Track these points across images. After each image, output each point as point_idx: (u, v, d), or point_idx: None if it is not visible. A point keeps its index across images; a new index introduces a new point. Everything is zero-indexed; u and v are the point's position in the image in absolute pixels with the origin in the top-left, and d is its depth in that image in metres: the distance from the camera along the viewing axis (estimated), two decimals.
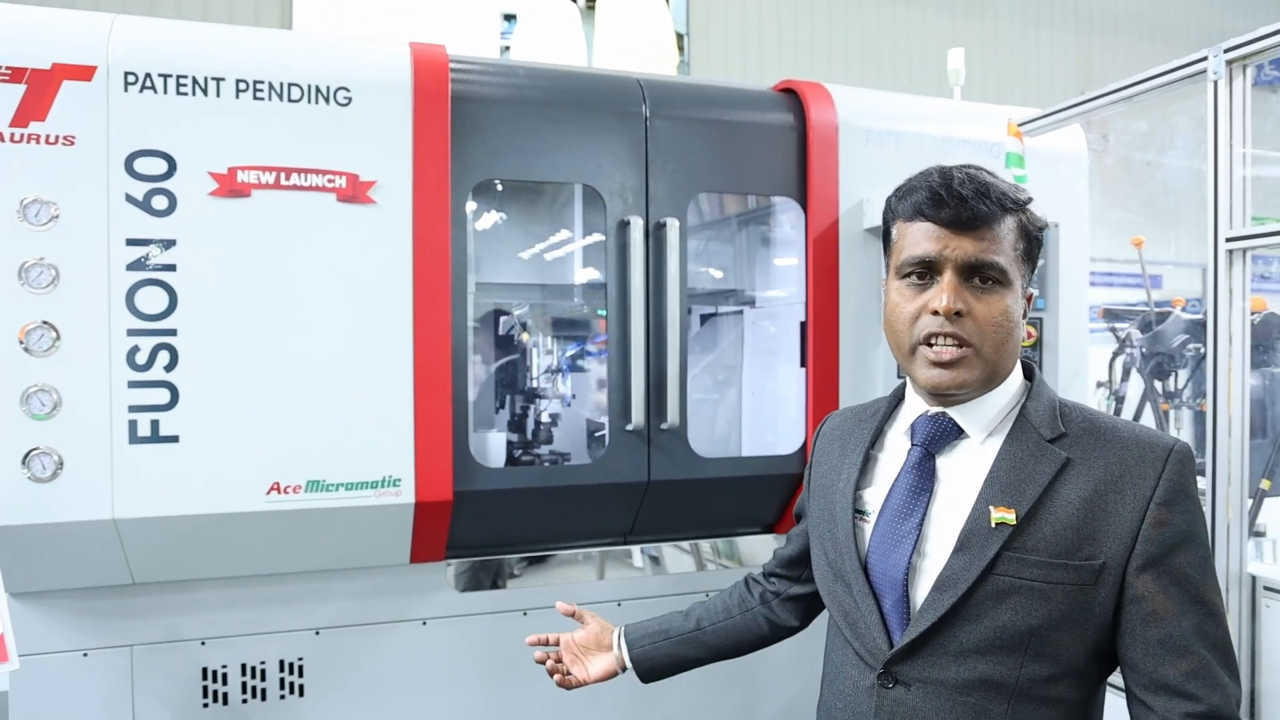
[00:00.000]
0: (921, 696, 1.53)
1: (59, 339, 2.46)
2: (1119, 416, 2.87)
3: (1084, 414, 1.58)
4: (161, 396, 2.54)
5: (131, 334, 2.52)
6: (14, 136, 2.44)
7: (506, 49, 6.02)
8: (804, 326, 3.27)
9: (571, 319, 3.90)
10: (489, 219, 3.72)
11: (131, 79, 2.52)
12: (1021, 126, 3.42)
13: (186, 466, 2.56)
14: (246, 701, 2.84)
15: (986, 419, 1.58)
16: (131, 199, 2.51)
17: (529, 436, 3.56)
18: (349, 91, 2.68)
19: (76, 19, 2.56)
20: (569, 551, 3.19)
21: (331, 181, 2.65)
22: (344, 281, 2.67)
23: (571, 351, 3.85)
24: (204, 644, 2.80)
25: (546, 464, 3.44)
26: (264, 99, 2.61)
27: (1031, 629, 1.47)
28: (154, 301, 2.53)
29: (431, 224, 2.74)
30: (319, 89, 2.65)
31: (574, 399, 3.80)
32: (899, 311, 1.58)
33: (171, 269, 2.54)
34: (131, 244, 2.52)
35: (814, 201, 3.21)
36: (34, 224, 2.44)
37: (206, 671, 2.81)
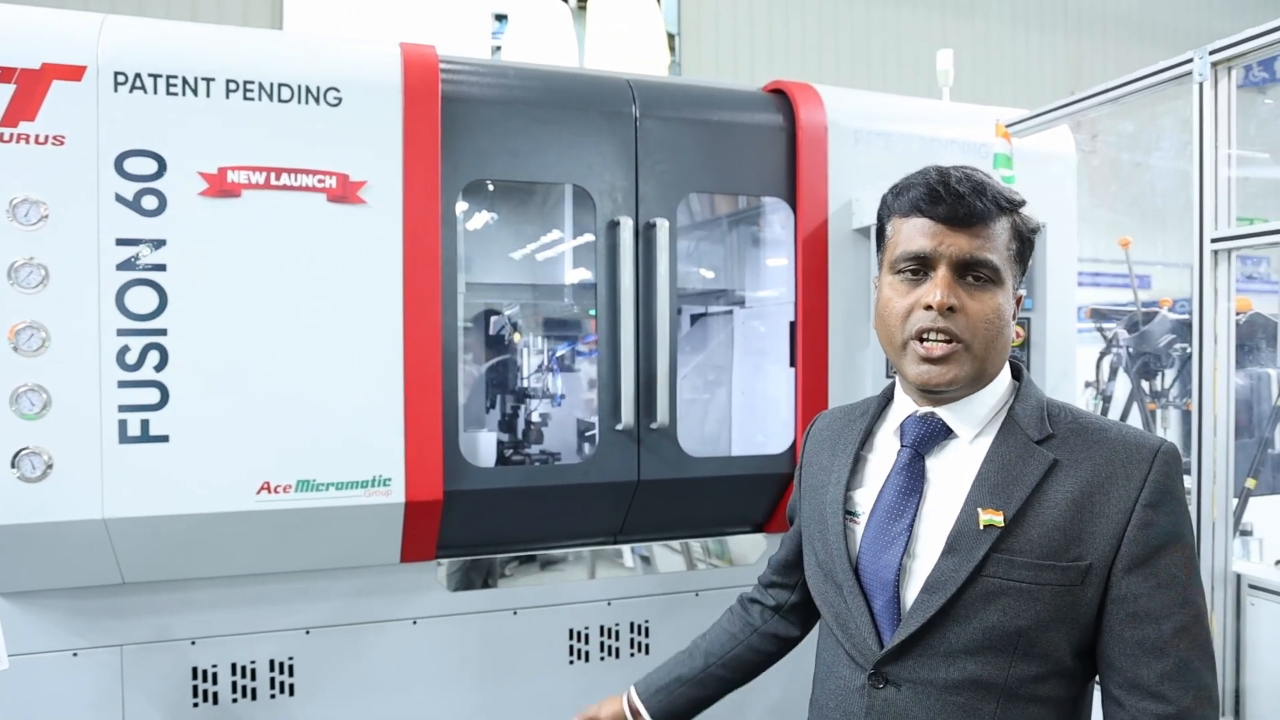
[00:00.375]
0: (912, 696, 1.53)
1: (48, 339, 2.46)
2: (1106, 416, 2.89)
3: (1071, 414, 1.59)
4: (151, 396, 2.54)
5: (121, 334, 2.52)
6: (3, 136, 2.43)
7: (498, 49, 6.02)
8: (793, 326, 3.28)
9: (562, 319, 3.91)
10: (480, 219, 3.72)
11: (121, 79, 2.52)
12: (1010, 127, 3.43)
13: (176, 466, 2.55)
14: (237, 701, 2.84)
15: (975, 419, 1.59)
16: (121, 199, 2.51)
17: (519, 436, 3.57)
18: (339, 92, 2.68)
19: (66, 19, 2.56)
20: (559, 550, 3.19)
21: (321, 182, 2.66)
22: (334, 281, 2.67)
23: (562, 351, 3.85)
24: (194, 643, 2.80)
25: (537, 463, 3.44)
26: (254, 99, 2.61)
27: (1020, 629, 1.48)
28: (144, 301, 2.53)
29: (421, 224, 2.74)
30: (309, 89, 2.65)
31: (564, 399, 3.80)
32: (891, 306, 1.58)
33: (161, 269, 2.54)
34: (121, 244, 2.51)
35: (803, 202, 3.22)
36: (23, 224, 2.44)
37: (197, 671, 2.81)
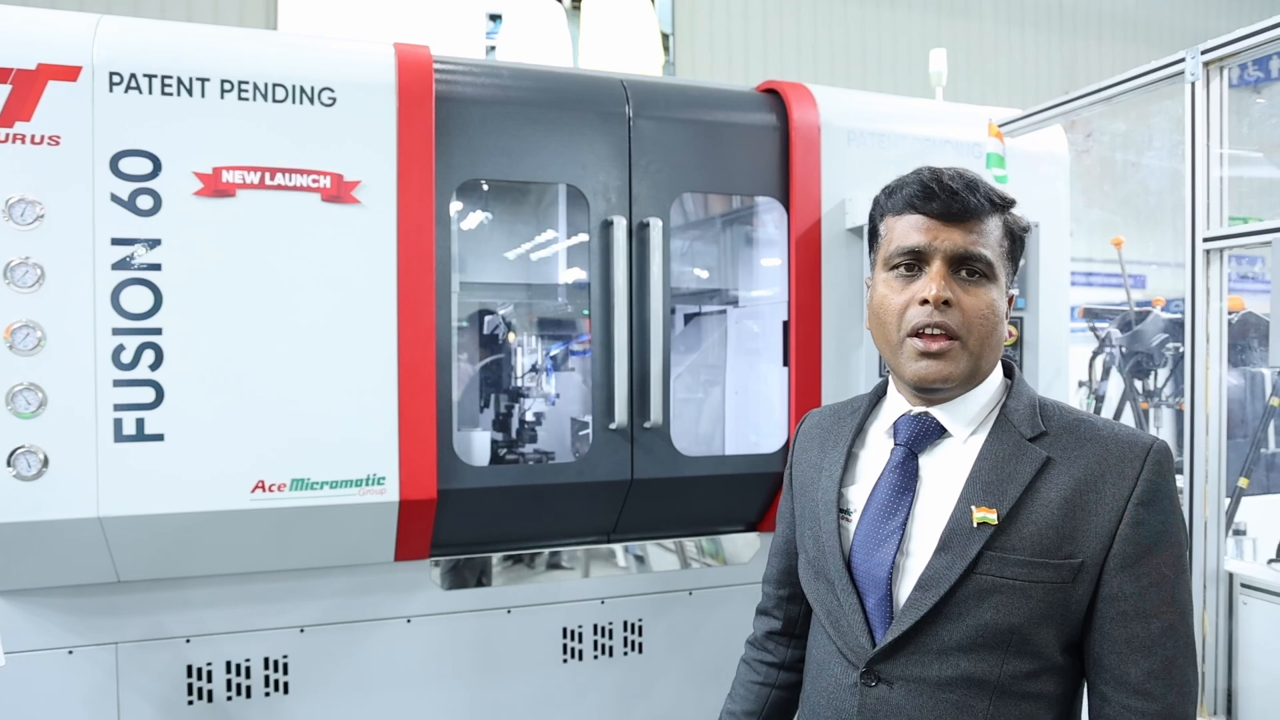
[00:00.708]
0: (904, 694, 1.53)
1: (44, 338, 2.47)
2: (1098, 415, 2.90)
3: (1063, 412, 1.59)
4: (146, 395, 2.54)
5: (117, 333, 2.52)
6: None
7: (492, 49, 6.02)
8: (786, 326, 3.28)
9: (556, 318, 3.91)
10: (474, 219, 3.73)
11: (116, 79, 2.53)
12: (1002, 127, 3.45)
13: (171, 465, 2.56)
14: (231, 699, 2.85)
15: (968, 417, 1.60)
16: (117, 199, 2.52)
17: (513, 435, 3.57)
18: (333, 92, 2.69)
19: (61, 19, 2.57)
20: (553, 549, 3.20)
21: (316, 181, 2.66)
22: (328, 281, 2.68)
23: (555, 351, 3.86)
24: (189, 642, 2.80)
25: (530, 462, 3.45)
26: (249, 99, 2.62)
27: (1013, 627, 1.48)
28: (139, 300, 2.54)
29: (416, 224, 2.75)
30: (303, 89, 2.66)
31: (558, 398, 3.81)
32: (887, 303, 1.58)
33: (156, 268, 2.55)
34: (117, 243, 2.52)
35: (796, 201, 3.23)
36: (19, 223, 2.45)
37: (191, 669, 2.81)
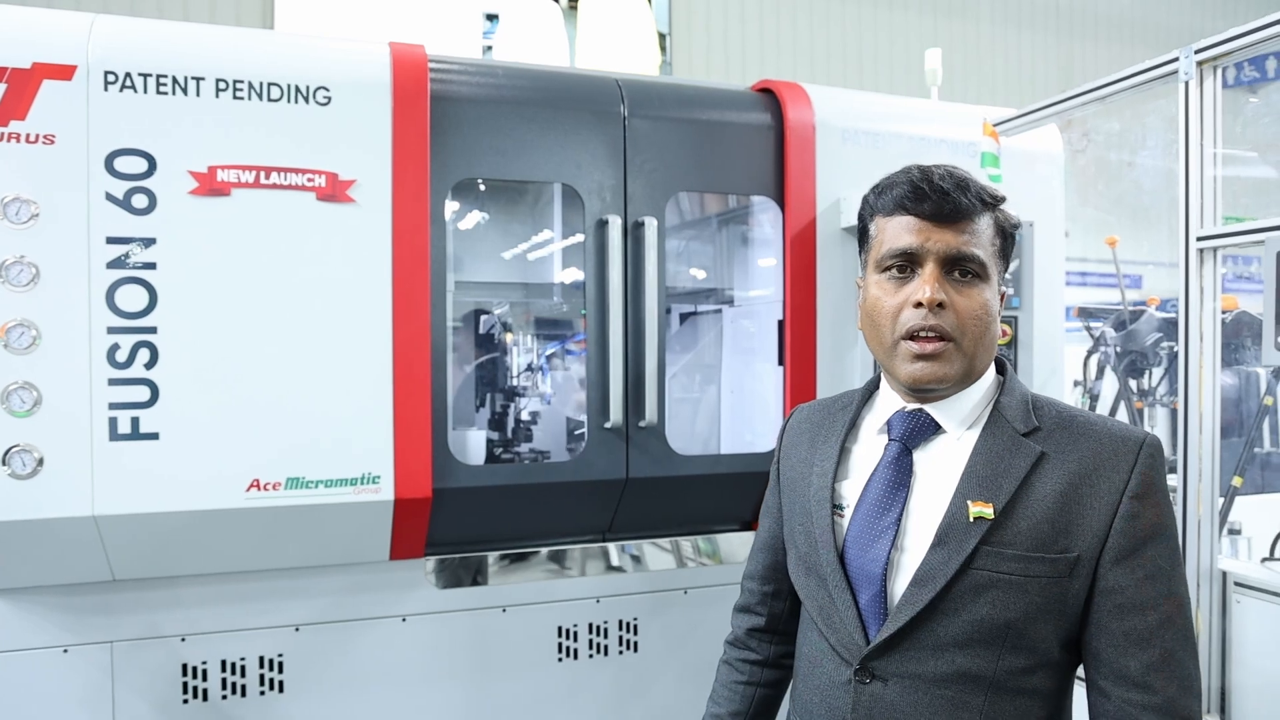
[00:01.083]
0: (899, 691, 1.53)
1: (39, 337, 2.47)
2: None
3: (1056, 408, 1.60)
4: (141, 394, 2.54)
5: (112, 332, 2.52)
6: None
7: (489, 49, 6.03)
8: (781, 325, 3.29)
9: (551, 317, 3.91)
10: (469, 218, 3.73)
11: (111, 78, 2.53)
12: (997, 126, 3.45)
13: (166, 463, 2.56)
14: (226, 698, 2.85)
15: (962, 414, 1.60)
16: (112, 197, 2.52)
17: (509, 434, 3.57)
18: (328, 91, 2.69)
19: (56, 18, 2.57)
20: (548, 548, 3.20)
21: (311, 180, 2.67)
22: (323, 280, 2.68)
23: (551, 350, 3.86)
24: (184, 640, 2.80)
25: (526, 461, 3.45)
26: (244, 98, 2.62)
27: (1009, 622, 1.48)
28: (134, 299, 2.54)
29: (411, 223, 2.75)
30: (298, 89, 2.66)
31: (554, 397, 3.81)
32: (880, 306, 1.58)
33: (152, 267, 2.55)
34: (112, 242, 2.52)
35: (791, 201, 3.23)
36: (14, 222, 2.45)
37: (187, 668, 2.81)
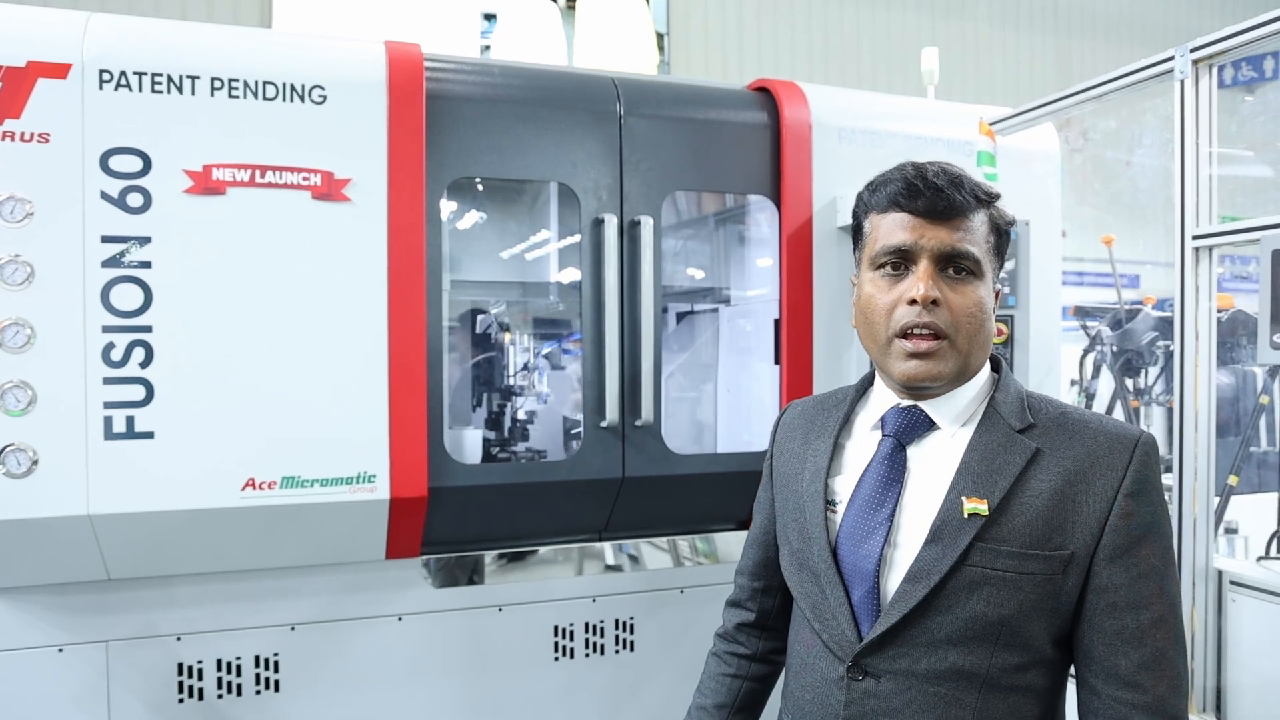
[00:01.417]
0: (892, 688, 1.52)
1: (34, 335, 2.47)
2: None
3: (1051, 405, 1.60)
4: (137, 393, 2.54)
5: (107, 330, 2.52)
6: None
7: (487, 48, 6.02)
8: (778, 324, 3.29)
9: (547, 316, 3.91)
10: (465, 217, 3.73)
11: (106, 77, 2.52)
12: (993, 125, 3.45)
13: (162, 462, 2.56)
14: (222, 697, 2.85)
15: (957, 411, 1.60)
16: (107, 196, 2.52)
17: (505, 433, 3.57)
18: (324, 90, 2.69)
19: (51, 17, 2.56)
20: (545, 547, 3.20)
21: (306, 179, 2.66)
22: (319, 279, 2.68)
23: (547, 349, 3.86)
24: (180, 640, 2.80)
25: (522, 460, 3.45)
26: (239, 97, 2.62)
27: (1003, 619, 1.47)
28: (129, 298, 2.54)
29: (406, 221, 2.75)
30: (294, 87, 2.66)
31: (550, 396, 3.81)
32: (874, 303, 1.58)
33: (147, 266, 2.55)
34: (107, 241, 2.52)
35: (787, 199, 3.23)
36: (9, 221, 2.45)
37: (182, 667, 2.81)
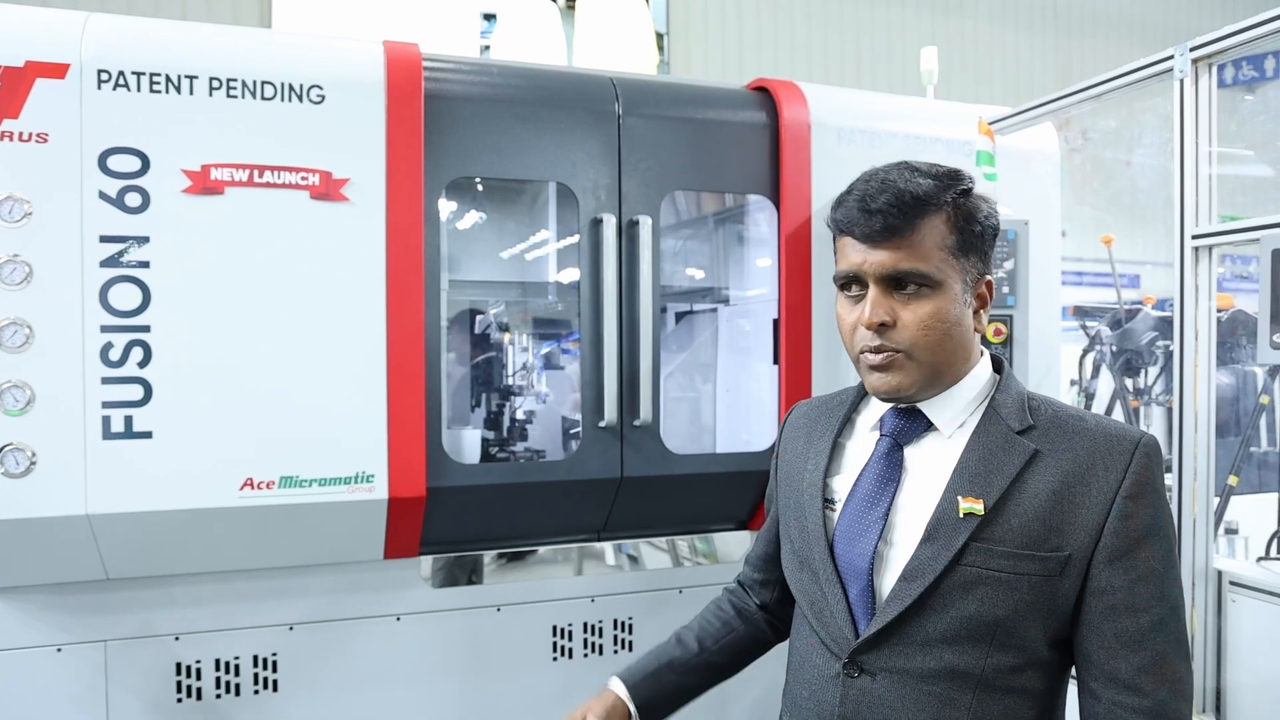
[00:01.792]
0: (887, 686, 1.53)
1: (32, 335, 2.47)
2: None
3: (1052, 407, 1.60)
4: (135, 393, 2.54)
5: (105, 330, 2.52)
6: None
7: (486, 48, 6.02)
8: (777, 324, 3.28)
9: (546, 316, 3.91)
10: (464, 217, 3.73)
11: (105, 77, 2.52)
12: (993, 125, 3.45)
13: (160, 462, 2.56)
14: (220, 697, 2.85)
15: (954, 411, 1.60)
16: (105, 196, 2.52)
17: (504, 433, 3.57)
18: (322, 90, 2.68)
19: (49, 16, 2.56)
20: (543, 547, 3.20)
21: (305, 179, 2.66)
22: (317, 278, 2.68)
23: (546, 349, 3.86)
24: (178, 639, 2.80)
25: (520, 460, 3.45)
26: (237, 97, 2.62)
27: (998, 619, 1.48)
28: (128, 298, 2.54)
29: (405, 221, 2.75)
30: (292, 87, 2.66)
31: (549, 396, 3.81)
32: (842, 323, 1.64)
33: (145, 265, 2.54)
34: (105, 241, 2.52)
35: (786, 199, 3.22)
36: (7, 221, 2.45)
37: (180, 667, 2.81)
